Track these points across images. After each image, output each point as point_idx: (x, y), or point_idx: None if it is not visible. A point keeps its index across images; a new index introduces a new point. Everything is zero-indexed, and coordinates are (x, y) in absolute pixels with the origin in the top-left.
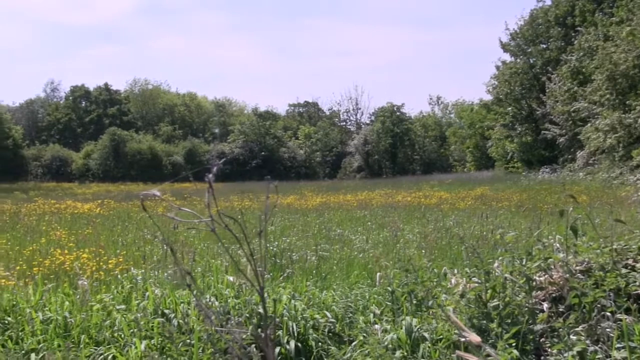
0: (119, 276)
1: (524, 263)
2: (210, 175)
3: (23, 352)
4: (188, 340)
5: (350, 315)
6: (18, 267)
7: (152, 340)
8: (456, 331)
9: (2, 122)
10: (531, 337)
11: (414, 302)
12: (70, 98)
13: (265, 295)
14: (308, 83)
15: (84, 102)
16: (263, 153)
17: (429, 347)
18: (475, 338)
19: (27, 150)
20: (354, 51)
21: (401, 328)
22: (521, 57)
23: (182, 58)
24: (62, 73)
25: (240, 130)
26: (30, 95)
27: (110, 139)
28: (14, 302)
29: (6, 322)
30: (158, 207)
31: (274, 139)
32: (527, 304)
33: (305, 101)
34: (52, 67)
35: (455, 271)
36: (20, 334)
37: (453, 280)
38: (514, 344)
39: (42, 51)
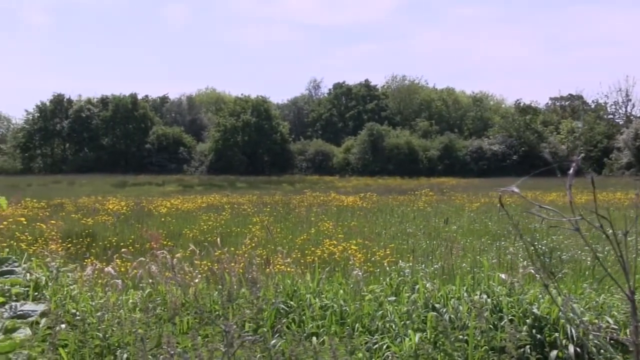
0: (388, 268)
1: None
2: (571, 171)
3: (305, 335)
4: (461, 336)
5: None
6: (294, 255)
7: (424, 333)
8: None
9: (272, 118)
10: None
11: None
12: (332, 94)
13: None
14: (572, 75)
15: (344, 99)
16: (523, 149)
17: None
18: None
19: (293, 145)
20: (628, 39)
21: None
22: None
23: (440, 53)
24: (323, 71)
25: (500, 125)
26: (296, 93)
27: (368, 134)
28: (295, 288)
29: (289, 305)
30: (418, 202)
31: (534, 134)
32: None
33: (569, 94)
34: (315, 66)
35: None
36: (302, 317)
37: None
38: None
39: (305, 51)
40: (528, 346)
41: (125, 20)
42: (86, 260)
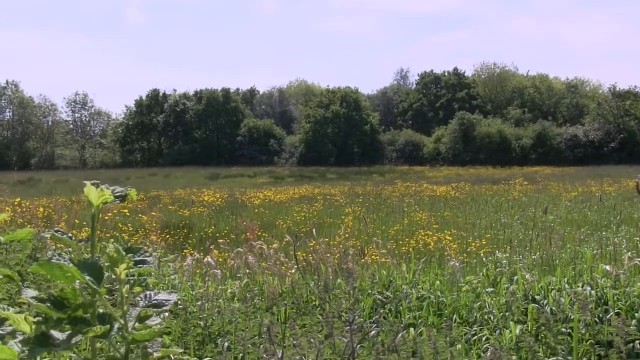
0: (484, 259)
1: None
2: None
3: (402, 325)
4: (564, 329)
5: None
6: (388, 246)
7: (525, 326)
8: None
9: (361, 109)
10: None
11: None
12: (420, 84)
13: None
14: None
15: (433, 88)
16: (621, 135)
17: None
18: None
19: (383, 135)
20: None
21: None
22: None
23: (531, 39)
24: (411, 60)
25: (597, 111)
26: (384, 83)
27: (459, 123)
28: (391, 279)
29: (385, 296)
30: (512, 191)
31: (634, 120)
32: None
33: None
34: (402, 55)
35: None
36: (398, 308)
37: None
38: None
39: (392, 41)
40: (638, 341)
41: (217, 15)
42: (184, 251)
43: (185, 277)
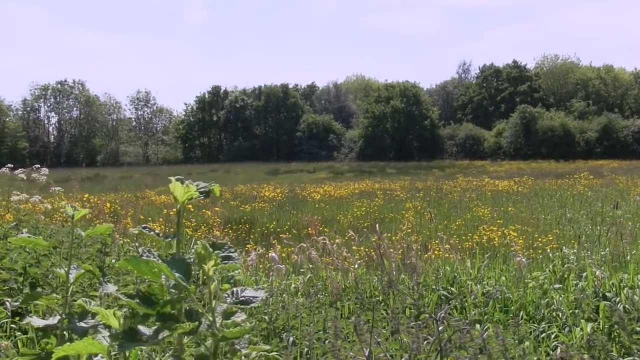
0: (551, 255)
1: None
2: None
3: (467, 321)
4: (638, 328)
5: None
6: (451, 241)
7: (596, 323)
8: None
9: (421, 103)
10: None
11: None
12: (480, 77)
13: None
14: None
15: (494, 81)
16: None
17: None
18: None
19: (443, 130)
20: None
21: None
22: None
23: (594, 29)
24: (472, 54)
25: None
26: (444, 77)
27: (520, 117)
28: (455, 275)
29: (450, 292)
30: (577, 186)
31: None
32: None
33: None
34: (463, 49)
35: None
36: (463, 304)
37: None
38: None
39: (452, 34)
40: None
41: (275, 11)
42: (247, 246)
43: (249, 272)
